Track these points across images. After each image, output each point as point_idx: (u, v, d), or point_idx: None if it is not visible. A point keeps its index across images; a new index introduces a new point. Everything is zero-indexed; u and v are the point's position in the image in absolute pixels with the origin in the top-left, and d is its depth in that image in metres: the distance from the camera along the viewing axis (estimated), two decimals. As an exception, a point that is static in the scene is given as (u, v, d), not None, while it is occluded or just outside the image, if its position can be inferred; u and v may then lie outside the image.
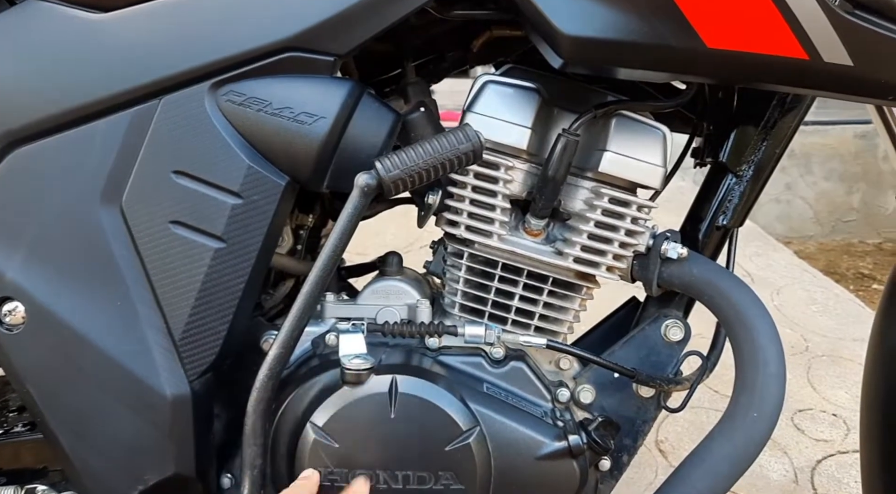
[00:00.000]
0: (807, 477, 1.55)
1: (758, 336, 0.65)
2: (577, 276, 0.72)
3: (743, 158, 0.76)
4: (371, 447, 0.65)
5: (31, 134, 0.60)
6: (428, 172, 0.60)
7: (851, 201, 3.59)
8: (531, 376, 0.73)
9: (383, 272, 0.78)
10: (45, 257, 0.61)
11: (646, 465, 1.57)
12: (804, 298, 2.43)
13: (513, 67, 0.72)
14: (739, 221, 0.78)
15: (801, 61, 0.55)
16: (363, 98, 0.63)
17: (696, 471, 0.65)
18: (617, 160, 0.67)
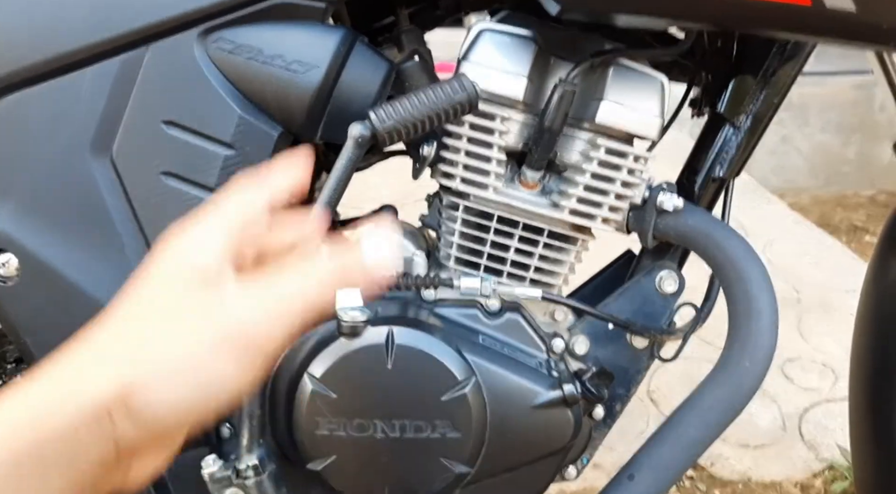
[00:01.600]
0: (794, 424, 1.59)
1: (751, 287, 0.66)
2: (572, 228, 0.72)
3: (741, 109, 0.75)
4: (368, 397, 0.66)
5: (16, 82, 0.58)
6: (423, 123, 0.59)
7: (847, 153, 3.58)
8: (526, 327, 0.74)
9: (378, 225, 0.78)
10: (37, 209, 0.60)
11: (637, 414, 1.60)
12: (796, 249, 2.44)
13: (508, 14, 0.71)
14: (736, 171, 0.77)
15: (803, 7, 0.54)
16: (356, 46, 0.62)
17: (688, 417, 0.67)
18: (614, 110, 0.66)
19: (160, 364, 0.38)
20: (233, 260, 0.41)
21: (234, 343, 0.38)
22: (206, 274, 0.39)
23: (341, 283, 0.45)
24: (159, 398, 0.37)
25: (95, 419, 0.36)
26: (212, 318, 0.38)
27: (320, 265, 0.43)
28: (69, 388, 0.37)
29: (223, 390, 0.39)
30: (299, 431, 0.66)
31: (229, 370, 0.38)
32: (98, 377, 0.37)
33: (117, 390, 0.37)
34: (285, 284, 0.41)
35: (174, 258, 0.41)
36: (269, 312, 0.40)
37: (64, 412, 0.36)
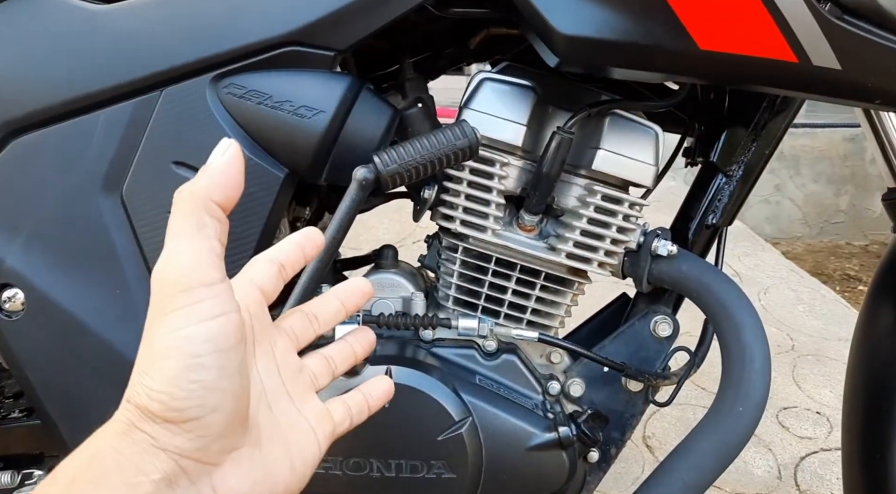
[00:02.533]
0: (790, 474, 1.58)
1: (744, 333, 0.67)
2: (569, 271, 0.74)
3: (733, 159, 0.77)
4: (365, 435, 0.66)
5: (32, 123, 0.60)
6: (425, 167, 0.61)
7: (839, 203, 3.63)
8: (523, 368, 0.74)
9: (379, 265, 0.79)
10: (45, 245, 0.62)
11: (633, 460, 1.59)
12: (791, 298, 2.46)
13: (509, 64, 0.73)
14: (729, 220, 0.79)
15: (791, 64, 0.57)
16: (362, 93, 0.64)
17: (681, 463, 0.67)
18: (610, 158, 0.68)
19: (140, 366, 0.39)
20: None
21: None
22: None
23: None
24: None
25: (121, 432, 0.38)
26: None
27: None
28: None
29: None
30: (295, 469, 0.66)
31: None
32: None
33: (125, 406, 0.39)
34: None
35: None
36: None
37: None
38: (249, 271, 0.48)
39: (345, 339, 0.54)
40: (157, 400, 0.37)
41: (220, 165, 0.42)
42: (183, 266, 0.39)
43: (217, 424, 0.39)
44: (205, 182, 0.41)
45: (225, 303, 0.39)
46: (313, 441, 0.47)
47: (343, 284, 0.53)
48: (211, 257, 0.40)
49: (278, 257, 0.49)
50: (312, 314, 0.51)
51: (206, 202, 0.40)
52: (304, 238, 0.50)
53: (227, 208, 0.42)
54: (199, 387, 0.37)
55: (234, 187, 0.42)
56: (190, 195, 0.40)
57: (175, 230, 0.40)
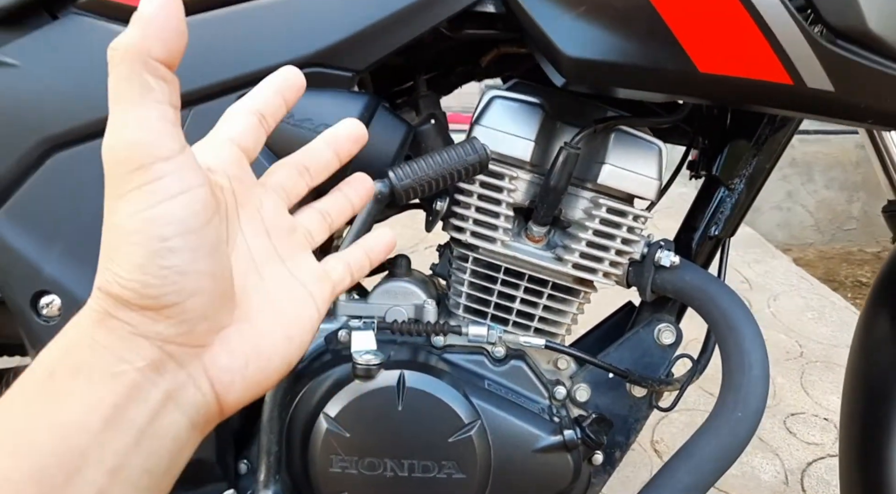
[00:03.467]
0: (797, 479, 1.59)
1: (744, 341, 0.69)
2: (575, 281, 0.76)
3: (735, 172, 0.80)
4: (379, 436, 0.69)
5: (70, 139, 0.64)
6: (437, 182, 0.64)
7: (852, 210, 3.62)
8: (530, 374, 0.77)
9: (392, 274, 0.82)
10: (81, 254, 0.65)
11: (641, 464, 1.61)
12: (800, 305, 2.47)
13: (518, 82, 0.77)
14: (731, 231, 0.82)
15: (786, 86, 0.59)
16: (378, 111, 0.67)
17: (682, 467, 0.69)
18: (615, 173, 0.71)
19: (106, 251, 0.35)
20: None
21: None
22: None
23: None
24: (123, 272, 0.34)
25: (97, 321, 0.34)
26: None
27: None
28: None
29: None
30: (314, 468, 0.69)
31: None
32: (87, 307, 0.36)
33: (96, 294, 0.35)
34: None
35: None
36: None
37: (65, 338, 0.35)
38: (224, 126, 0.42)
39: (340, 189, 0.49)
40: (129, 288, 0.33)
41: (153, 11, 0.33)
42: (133, 140, 0.33)
43: (199, 307, 0.35)
44: (138, 35, 0.33)
45: (187, 177, 0.34)
46: (310, 306, 0.42)
47: (333, 128, 0.48)
48: (164, 126, 0.34)
49: (256, 107, 0.42)
50: (302, 166, 0.46)
51: (145, 60, 0.33)
52: (283, 81, 0.44)
53: (173, 63, 0.35)
54: (172, 272, 0.33)
55: (176, 36, 0.34)
56: (125, 54, 0.33)
57: (117, 98, 0.34)
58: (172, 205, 0.34)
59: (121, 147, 0.34)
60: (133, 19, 0.34)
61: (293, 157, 0.46)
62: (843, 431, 0.90)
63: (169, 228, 0.33)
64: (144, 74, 0.34)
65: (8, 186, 0.65)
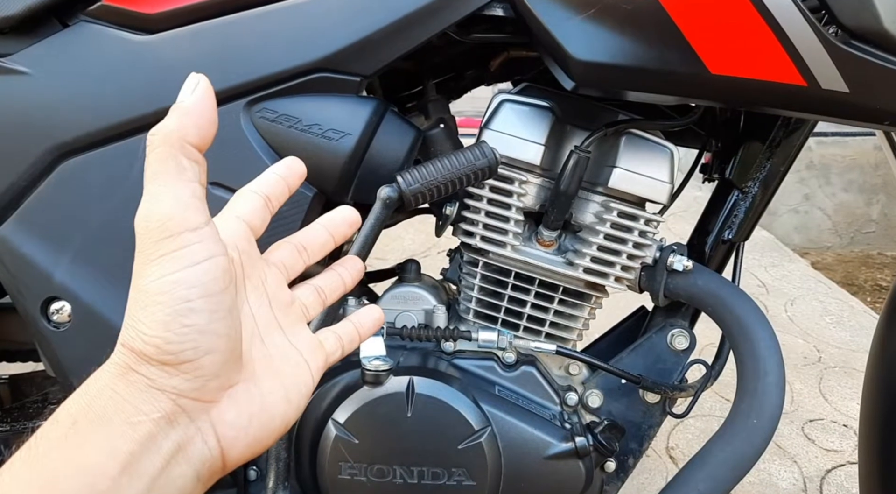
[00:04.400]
0: (816, 487, 1.57)
1: (758, 346, 0.68)
2: (586, 285, 0.76)
3: (748, 175, 0.79)
4: (388, 443, 0.69)
5: (80, 146, 0.65)
6: (446, 186, 0.64)
7: (871, 213, 3.57)
8: (541, 380, 0.77)
9: (402, 279, 0.82)
10: (91, 261, 0.66)
11: (657, 471, 1.60)
12: (818, 309, 2.44)
13: (528, 85, 0.76)
14: (745, 235, 0.81)
15: (800, 88, 0.59)
16: (386, 116, 0.67)
17: (697, 474, 0.68)
18: (626, 176, 0.71)
19: (131, 311, 0.38)
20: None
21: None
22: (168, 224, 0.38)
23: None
24: (148, 330, 0.37)
25: (118, 374, 0.38)
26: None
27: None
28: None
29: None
30: (322, 475, 0.69)
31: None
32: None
33: (119, 350, 0.39)
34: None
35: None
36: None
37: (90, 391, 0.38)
38: (235, 205, 0.47)
39: (333, 268, 0.53)
40: (151, 344, 0.37)
41: (192, 104, 0.39)
42: (166, 212, 0.37)
43: (212, 364, 0.39)
44: (177, 123, 0.38)
45: (211, 246, 0.39)
46: (306, 372, 0.46)
47: (329, 213, 0.53)
48: (194, 202, 0.38)
49: (263, 190, 0.48)
50: (301, 245, 0.50)
51: (181, 145, 0.38)
52: (287, 169, 0.49)
53: (203, 147, 0.40)
54: (192, 331, 0.37)
55: (209, 124, 0.40)
56: (164, 139, 0.38)
57: (154, 175, 0.38)
58: (197, 270, 0.38)
59: (155, 219, 0.37)
60: (173, 109, 0.39)
61: (293, 237, 0.51)
62: (862, 437, 0.89)
63: (193, 290, 0.37)
64: (180, 157, 0.38)
65: (19, 192, 0.65)
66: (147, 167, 0.38)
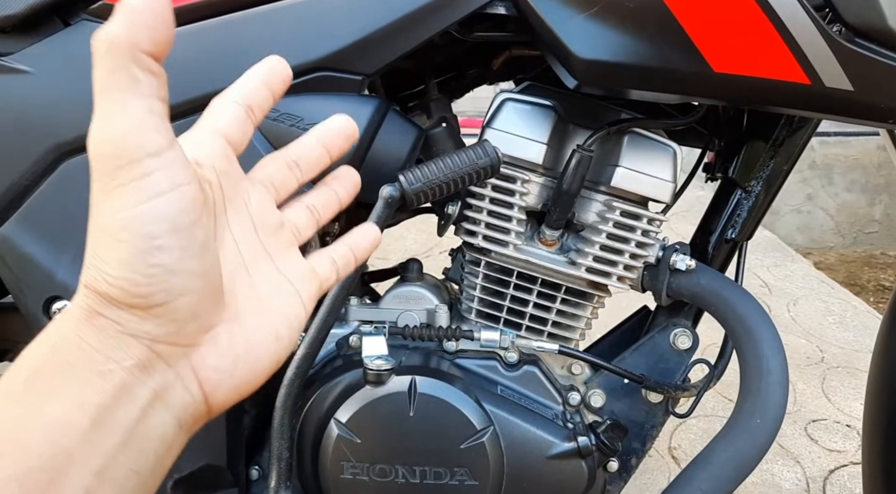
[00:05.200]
0: (819, 487, 1.56)
1: (761, 346, 0.68)
2: (589, 285, 0.76)
3: (752, 174, 0.78)
4: (390, 443, 0.69)
5: (82, 145, 0.64)
6: (448, 185, 0.63)
7: (873, 213, 3.57)
8: (543, 379, 0.76)
9: (404, 278, 0.82)
10: (93, 260, 0.66)
11: (659, 471, 1.59)
12: (821, 309, 2.43)
13: (530, 84, 0.76)
14: (748, 234, 0.80)
15: (804, 86, 0.58)
16: (388, 115, 0.67)
17: (700, 474, 0.68)
18: (629, 175, 0.70)
19: (92, 248, 0.34)
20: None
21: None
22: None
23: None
24: (108, 269, 0.33)
25: (83, 318, 0.34)
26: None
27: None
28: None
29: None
30: (325, 474, 0.69)
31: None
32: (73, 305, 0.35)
33: (82, 291, 0.35)
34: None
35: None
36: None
37: (50, 334, 0.34)
38: (211, 117, 0.41)
39: (326, 183, 0.48)
40: (116, 286, 0.33)
41: (139, 2, 0.32)
42: (120, 135, 0.32)
43: (188, 306, 0.35)
44: (125, 26, 0.31)
45: (177, 173, 0.33)
46: (298, 304, 0.42)
47: (323, 124, 0.46)
48: (152, 120, 0.33)
49: (243, 98, 0.41)
50: (293, 161, 0.45)
51: (132, 53, 0.32)
52: (269, 71, 0.42)
53: (160, 55, 0.33)
54: (161, 271, 0.33)
55: (164, 26, 0.33)
56: (111, 46, 0.31)
57: (103, 91, 0.32)
58: (161, 202, 0.33)
59: (107, 142, 0.32)
60: (117, 8, 0.32)
61: (283, 151, 0.45)
62: (865, 438, 0.88)
63: (157, 226, 0.33)
64: (132, 67, 0.32)
65: (21, 192, 0.65)
66: (94, 81, 0.32)
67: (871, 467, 0.86)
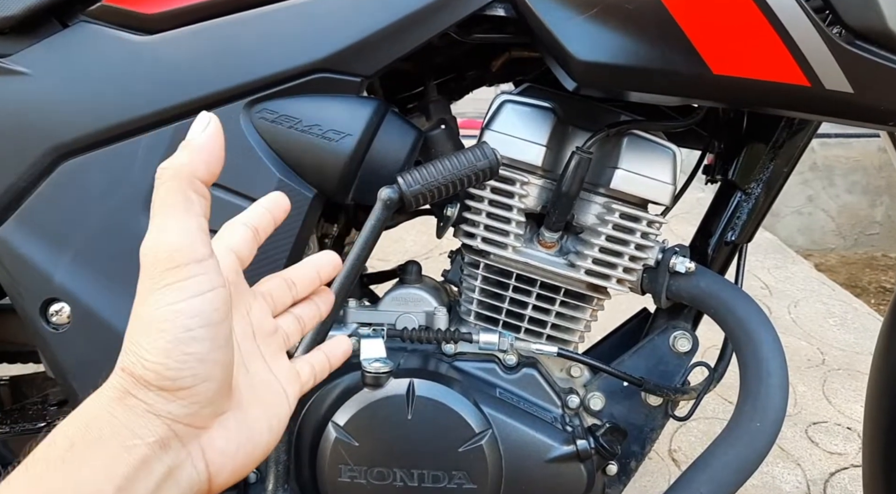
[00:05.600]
0: (819, 490, 1.56)
1: (761, 348, 0.68)
2: (588, 287, 0.75)
3: (752, 177, 0.78)
4: (389, 446, 0.69)
5: (79, 147, 0.64)
6: (447, 187, 0.63)
7: (874, 215, 3.56)
8: (542, 382, 0.76)
9: (403, 280, 0.82)
10: (91, 262, 0.66)
11: (659, 474, 1.59)
12: (822, 311, 2.43)
13: (530, 86, 0.76)
14: (748, 237, 0.80)
15: (804, 88, 0.58)
16: (387, 116, 0.67)
17: (699, 477, 0.68)
18: (628, 177, 0.70)
19: (132, 336, 0.39)
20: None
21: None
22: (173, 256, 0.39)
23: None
24: (147, 356, 0.38)
25: (116, 398, 0.38)
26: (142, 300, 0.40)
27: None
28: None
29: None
30: (322, 477, 0.69)
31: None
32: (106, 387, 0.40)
33: (118, 374, 0.39)
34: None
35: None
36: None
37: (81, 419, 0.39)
38: (225, 237, 0.48)
39: (311, 300, 0.55)
40: (151, 370, 0.38)
41: (203, 142, 0.41)
42: (174, 243, 0.39)
43: (208, 391, 0.40)
44: (188, 159, 0.40)
45: (214, 278, 0.40)
46: (284, 401, 0.48)
47: (317, 255, 0.55)
48: (200, 234, 0.40)
49: (252, 222, 0.50)
50: (290, 280, 0.53)
51: (191, 180, 0.40)
52: (272, 203, 0.51)
53: (210, 182, 0.42)
54: (192, 359, 0.38)
55: (216, 162, 0.42)
56: (175, 173, 0.40)
57: (162, 207, 0.40)
58: (201, 301, 0.39)
59: (163, 249, 0.39)
60: (183, 145, 0.41)
61: (284, 273, 0.53)
62: (866, 440, 0.88)
63: (195, 319, 0.38)
64: (189, 191, 0.40)
65: (18, 193, 0.65)
66: (155, 199, 0.40)
67: (871, 470, 0.85)
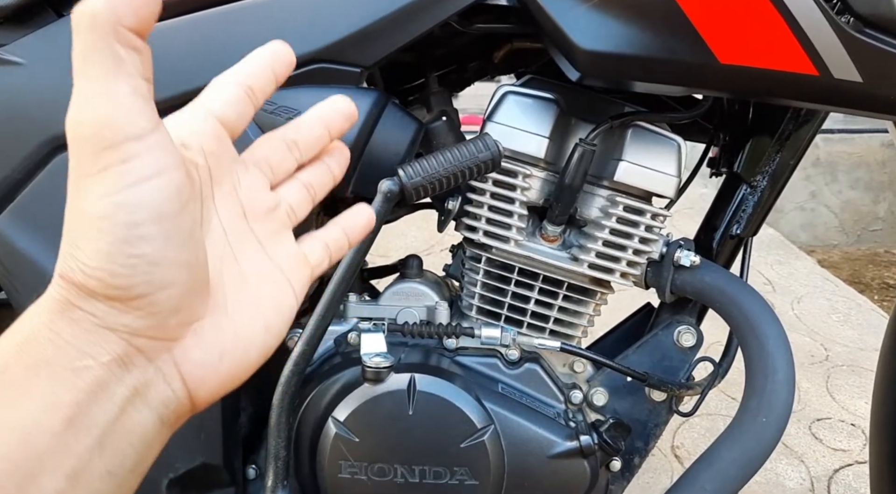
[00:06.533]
0: (823, 486, 1.55)
1: (767, 343, 0.67)
2: (591, 281, 0.74)
3: (757, 169, 0.77)
4: (389, 442, 0.68)
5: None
6: (448, 180, 0.62)
7: (878, 211, 3.55)
8: (545, 377, 0.75)
9: (404, 275, 0.81)
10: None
11: (662, 470, 1.58)
12: (825, 307, 2.42)
13: (532, 77, 0.75)
14: (753, 230, 0.79)
15: (812, 77, 0.57)
16: (387, 108, 0.66)
17: (705, 473, 0.67)
18: (632, 170, 0.69)
19: (69, 235, 0.33)
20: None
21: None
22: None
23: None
24: (88, 260, 0.31)
25: (57, 311, 0.32)
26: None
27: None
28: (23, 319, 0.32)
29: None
30: (322, 474, 0.68)
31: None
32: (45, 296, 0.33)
33: (57, 282, 0.33)
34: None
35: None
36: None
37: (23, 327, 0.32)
38: (207, 97, 0.38)
39: (320, 159, 0.45)
40: (94, 277, 0.31)
41: None
42: (101, 117, 0.30)
43: (170, 299, 0.33)
44: (107, 1, 0.29)
45: (161, 158, 0.31)
46: (288, 292, 0.40)
47: (324, 103, 0.43)
48: (136, 101, 0.31)
49: (245, 79, 0.38)
50: (291, 140, 0.42)
51: (115, 29, 0.30)
52: (272, 55, 0.39)
53: (144, 31, 0.31)
54: (143, 262, 0.31)
55: (147, 1, 0.30)
56: (92, 21, 0.29)
57: (83, 70, 0.30)
58: (144, 189, 0.31)
59: (87, 124, 0.30)
60: None
61: (281, 130, 0.42)
62: (873, 437, 0.87)
63: (140, 213, 0.31)
64: (114, 44, 0.30)
65: (14, 185, 0.64)
66: (74, 59, 0.31)
67: (878, 466, 0.84)
